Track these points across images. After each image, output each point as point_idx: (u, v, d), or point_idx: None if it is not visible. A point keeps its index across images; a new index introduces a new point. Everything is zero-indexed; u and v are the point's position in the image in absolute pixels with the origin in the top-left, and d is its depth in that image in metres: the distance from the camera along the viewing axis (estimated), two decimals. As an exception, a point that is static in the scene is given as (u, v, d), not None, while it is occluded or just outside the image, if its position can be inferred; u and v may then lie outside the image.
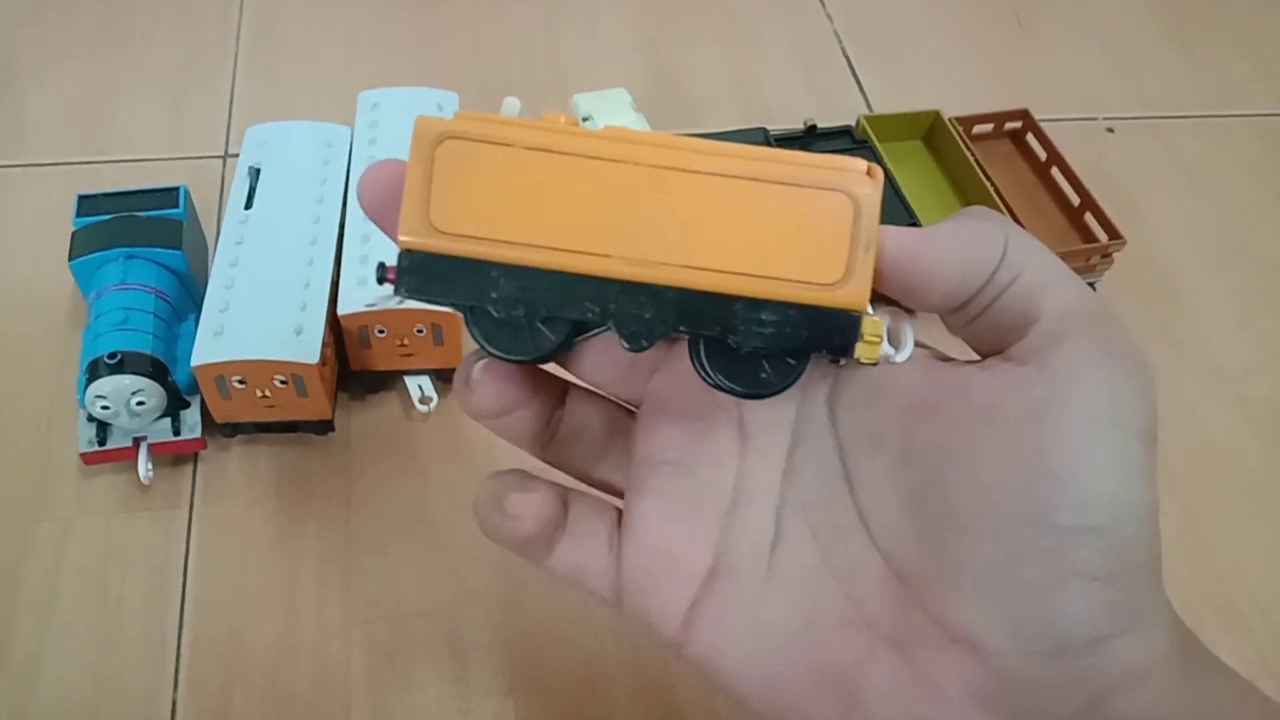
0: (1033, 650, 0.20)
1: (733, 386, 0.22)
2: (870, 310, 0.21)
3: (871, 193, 0.21)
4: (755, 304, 0.21)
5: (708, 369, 0.22)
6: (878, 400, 0.24)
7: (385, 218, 0.22)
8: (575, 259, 0.21)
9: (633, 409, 0.27)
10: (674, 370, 0.26)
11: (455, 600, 0.47)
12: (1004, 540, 0.20)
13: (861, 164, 0.21)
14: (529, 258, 0.21)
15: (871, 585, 0.23)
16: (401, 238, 0.21)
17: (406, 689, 0.44)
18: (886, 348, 0.22)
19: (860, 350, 0.21)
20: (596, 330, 0.22)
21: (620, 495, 0.27)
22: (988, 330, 0.22)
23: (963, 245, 0.22)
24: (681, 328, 0.21)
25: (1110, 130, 0.73)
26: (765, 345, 0.21)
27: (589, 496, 0.27)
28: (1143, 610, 0.21)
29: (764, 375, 0.22)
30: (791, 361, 0.22)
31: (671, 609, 0.25)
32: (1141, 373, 0.21)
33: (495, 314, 0.22)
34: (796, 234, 0.21)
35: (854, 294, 0.21)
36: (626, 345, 0.22)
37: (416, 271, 0.21)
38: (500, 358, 0.22)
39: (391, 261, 0.22)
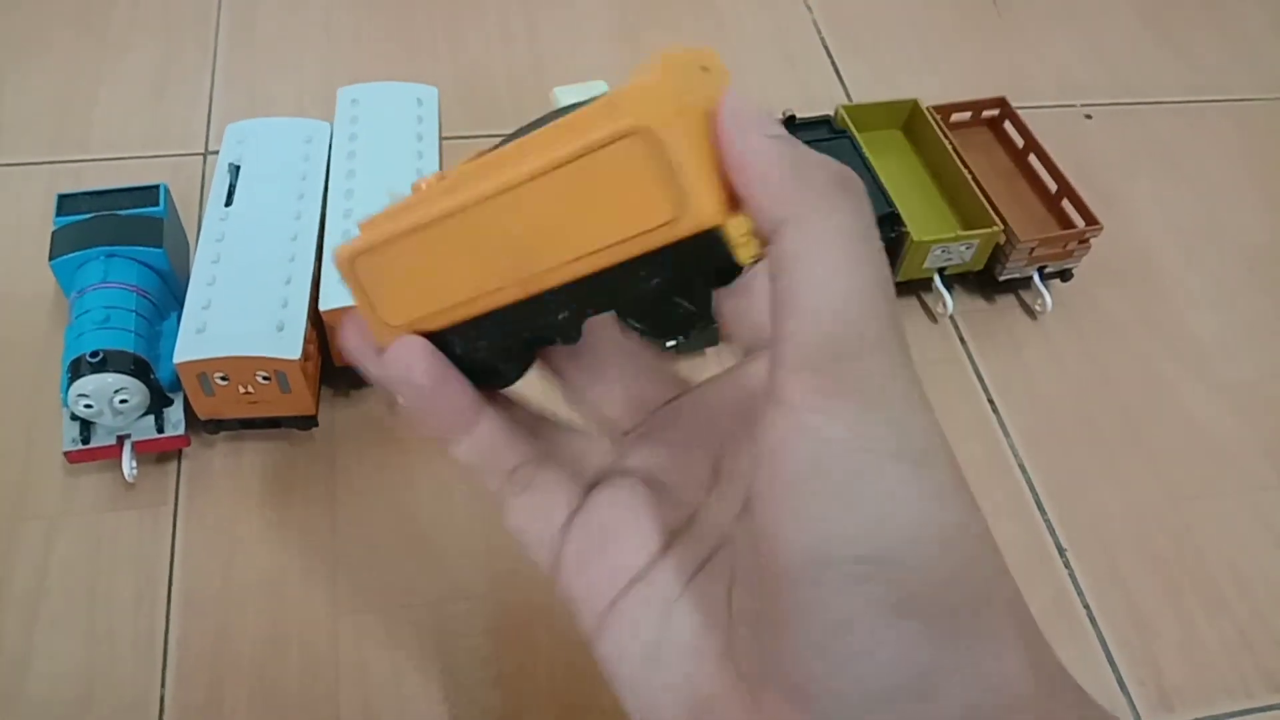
0: (858, 694, 0.19)
1: (660, 340, 0.25)
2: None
3: (653, 112, 0.20)
4: (629, 266, 0.21)
5: (639, 331, 0.24)
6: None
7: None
8: (490, 298, 0.24)
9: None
10: (676, 407, 0.28)
11: (442, 592, 0.47)
12: (795, 581, 0.19)
13: (660, 61, 0.21)
14: (462, 313, 0.24)
15: (745, 629, 0.23)
16: (379, 344, 0.26)
17: (395, 681, 0.44)
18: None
19: (740, 254, 0.20)
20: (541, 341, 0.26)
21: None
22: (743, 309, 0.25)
23: (764, 172, 0.20)
24: (590, 310, 0.23)
25: (1088, 117, 0.73)
26: (662, 292, 0.22)
27: (562, 470, 0.28)
28: (973, 648, 0.19)
29: (680, 317, 0.23)
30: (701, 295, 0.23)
31: (593, 595, 0.25)
32: (889, 397, 0.19)
33: (471, 362, 0.26)
34: (620, 193, 0.21)
35: (698, 216, 0.20)
36: (563, 342, 0.25)
37: None
38: (498, 388, 0.27)
39: None
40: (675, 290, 0.22)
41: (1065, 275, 0.61)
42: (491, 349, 0.25)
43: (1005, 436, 0.56)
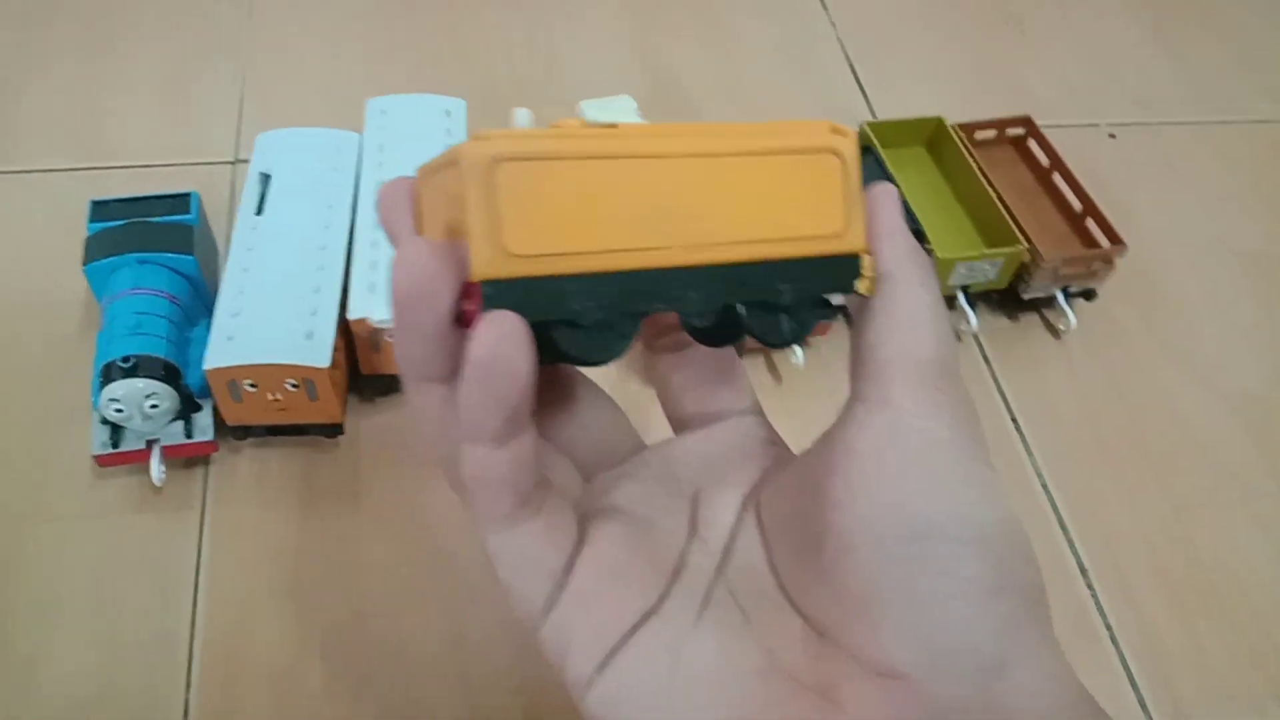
0: (948, 669, 0.21)
1: (772, 343, 0.25)
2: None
3: (851, 146, 0.25)
4: (779, 266, 0.24)
5: (753, 331, 0.24)
6: (784, 490, 0.26)
7: (394, 225, 0.24)
8: (640, 256, 0.22)
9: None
10: (644, 459, 0.29)
11: (462, 601, 0.47)
12: (894, 560, 0.22)
13: (826, 125, 0.25)
14: (601, 264, 0.22)
15: (792, 641, 0.24)
16: (480, 270, 0.20)
17: (415, 688, 0.44)
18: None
19: (860, 284, 0.24)
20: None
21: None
22: (857, 343, 0.25)
23: (889, 240, 0.25)
24: (731, 298, 0.23)
25: (1112, 136, 0.73)
26: (794, 296, 0.24)
27: (567, 504, 0.25)
28: (1038, 640, 0.22)
29: (791, 327, 0.25)
30: (809, 312, 0.25)
31: (602, 634, 0.24)
32: (973, 414, 0.24)
33: (578, 323, 0.22)
34: (804, 195, 0.24)
35: (855, 238, 0.24)
36: (693, 323, 0.25)
37: (501, 301, 0.21)
38: (583, 363, 0.22)
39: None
40: (804, 296, 0.24)
41: (1089, 294, 0.61)
42: (611, 315, 0.22)
43: (1028, 455, 0.56)
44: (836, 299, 0.25)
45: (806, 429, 0.27)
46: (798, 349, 0.55)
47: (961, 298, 0.58)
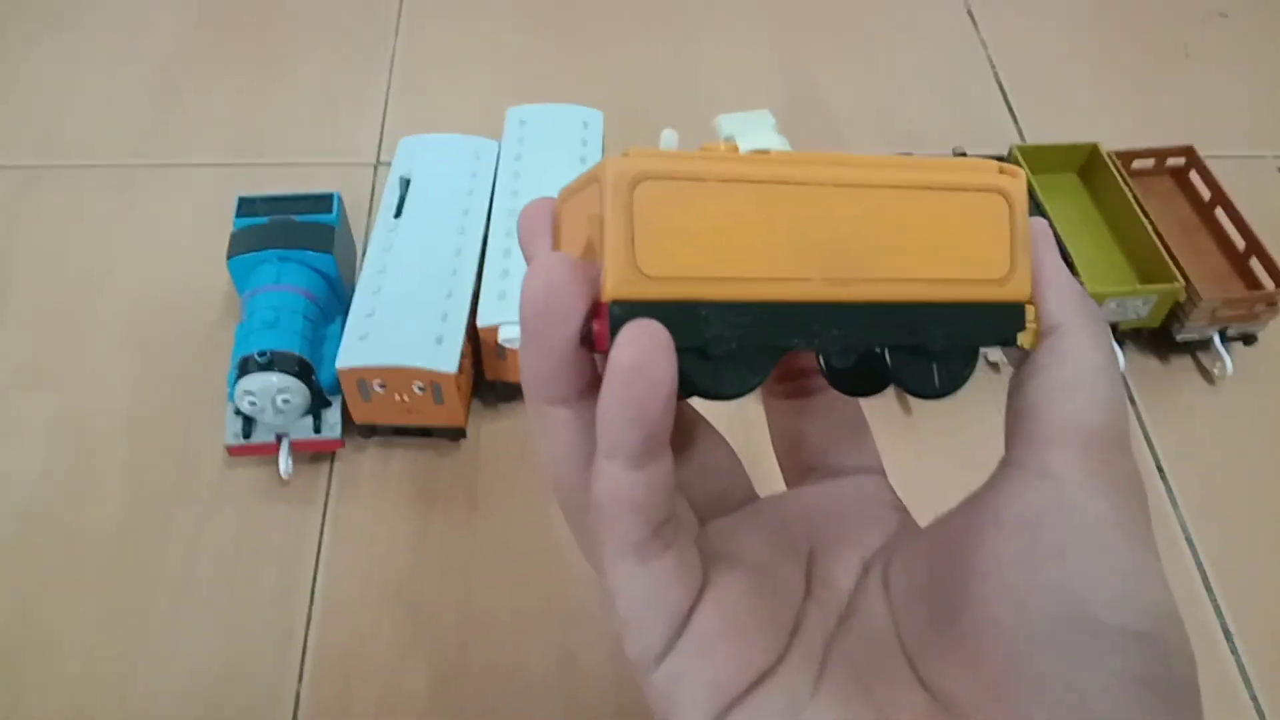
0: None
1: (919, 393, 0.23)
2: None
3: (1020, 187, 0.23)
4: (942, 308, 0.22)
5: (898, 378, 0.23)
6: (916, 558, 0.24)
7: (531, 245, 0.23)
8: (780, 287, 0.21)
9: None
10: (756, 509, 0.27)
11: (573, 613, 0.47)
12: (1043, 644, 0.20)
13: (994, 164, 0.23)
14: (738, 292, 0.20)
15: (916, 717, 0.22)
16: (611, 289, 0.20)
17: (519, 700, 0.44)
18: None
19: (1023, 338, 0.23)
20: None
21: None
22: (1015, 400, 0.23)
23: (1055, 282, 0.23)
24: (877, 339, 0.22)
25: (1281, 170, 0.69)
26: (952, 343, 0.22)
27: (692, 542, 0.24)
28: None
29: (945, 376, 0.23)
30: (960, 360, 0.23)
31: (718, 688, 0.21)
32: (1141, 493, 0.22)
33: (710, 353, 0.20)
34: (965, 235, 0.22)
35: (1020, 285, 0.23)
36: (829, 364, 0.23)
37: (622, 319, 0.20)
38: (710, 396, 0.21)
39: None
40: (958, 342, 0.22)
41: (1249, 339, 0.57)
42: (745, 346, 0.21)
43: (1174, 508, 0.52)
44: (994, 352, 0.24)
45: (933, 467, 0.25)
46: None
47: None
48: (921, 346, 0.22)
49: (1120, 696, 0.19)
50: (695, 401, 0.24)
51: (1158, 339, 0.57)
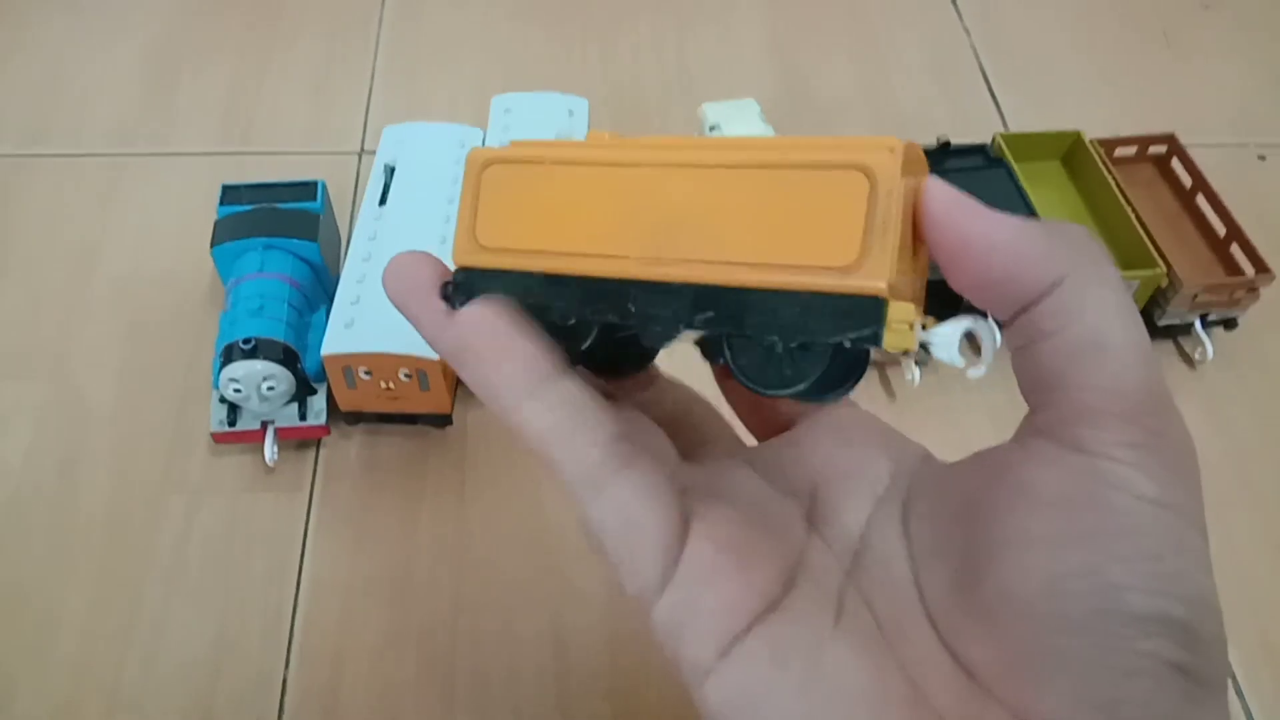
0: None
1: (754, 385, 0.21)
2: (922, 319, 0.20)
3: (889, 163, 0.19)
4: (770, 295, 0.20)
5: (734, 366, 0.21)
6: (941, 508, 0.23)
7: (406, 305, 0.24)
8: (596, 263, 0.21)
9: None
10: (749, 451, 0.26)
11: (561, 599, 0.47)
12: (1073, 626, 0.19)
13: (891, 140, 0.20)
14: (557, 265, 0.22)
15: (940, 678, 0.21)
16: (455, 258, 0.23)
17: (509, 683, 0.44)
18: (952, 355, 0.20)
19: (889, 339, 0.19)
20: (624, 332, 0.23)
21: None
22: (1029, 368, 0.20)
23: (1014, 240, 0.19)
24: (698, 323, 0.21)
25: (1262, 158, 0.69)
26: (784, 337, 0.20)
27: (658, 459, 0.23)
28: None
29: (788, 373, 0.21)
30: (823, 359, 0.21)
31: (724, 617, 0.21)
32: (1189, 461, 0.19)
33: (547, 320, 0.23)
34: (808, 218, 0.20)
35: (870, 276, 0.19)
36: (647, 345, 0.22)
37: (465, 286, 0.23)
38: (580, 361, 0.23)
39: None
40: (797, 338, 0.20)
41: (1229, 324, 0.58)
42: (562, 318, 0.22)
43: (1154, 490, 0.53)
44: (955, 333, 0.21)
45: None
46: (913, 365, 0.54)
47: (1091, 321, 0.55)
48: (748, 334, 0.20)
49: (1150, 684, 0.18)
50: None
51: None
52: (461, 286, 0.23)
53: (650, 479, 0.21)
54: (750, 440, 0.28)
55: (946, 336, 0.20)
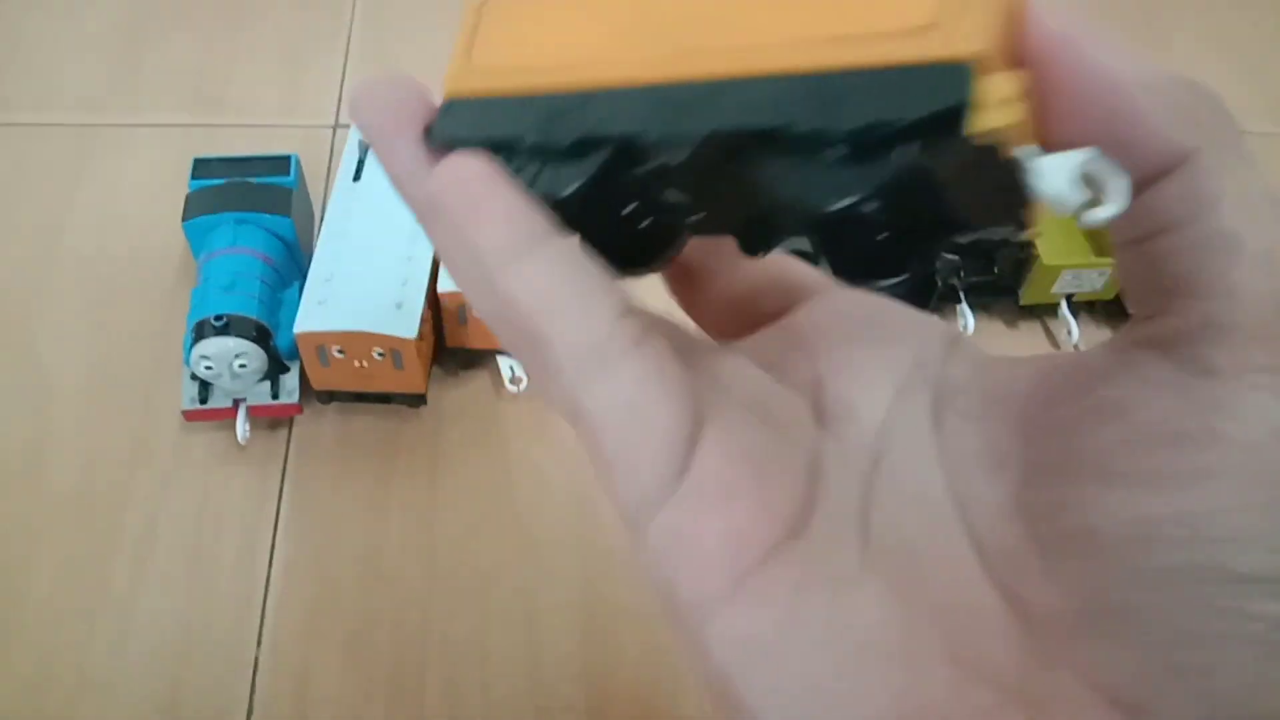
0: None
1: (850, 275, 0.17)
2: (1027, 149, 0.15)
3: None
4: (822, 82, 0.15)
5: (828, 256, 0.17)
6: (994, 409, 0.19)
7: (379, 138, 0.19)
8: (612, 70, 0.17)
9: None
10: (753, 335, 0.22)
11: (533, 580, 0.47)
12: (1171, 581, 0.15)
13: None
14: (565, 80, 0.18)
15: (990, 628, 0.17)
16: (445, 85, 0.20)
17: (481, 665, 0.44)
18: (1061, 188, 0.14)
19: (977, 118, 0.14)
20: (649, 164, 0.17)
21: None
22: (1141, 266, 0.16)
23: (1143, 86, 0.15)
24: (734, 126, 0.16)
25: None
26: (839, 138, 0.15)
27: (667, 344, 0.18)
28: None
29: (825, 185, 0.15)
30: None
31: (736, 551, 0.17)
32: None
33: (531, 143, 0.18)
34: None
35: (957, 35, 0.14)
36: (670, 163, 0.17)
37: (452, 116, 0.19)
38: (544, 198, 0.18)
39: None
40: (860, 137, 0.14)
41: (1201, 311, 0.58)
42: (569, 136, 0.17)
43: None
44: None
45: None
46: (966, 311, 0.51)
47: (1064, 306, 0.56)
48: (803, 136, 0.15)
49: (1253, 654, 0.15)
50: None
51: (1111, 311, 0.58)
52: (445, 116, 0.19)
53: (664, 363, 0.17)
54: None
55: (1057, 165, 0.15)
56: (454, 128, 0.19)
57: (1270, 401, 0.15)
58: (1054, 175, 0.14)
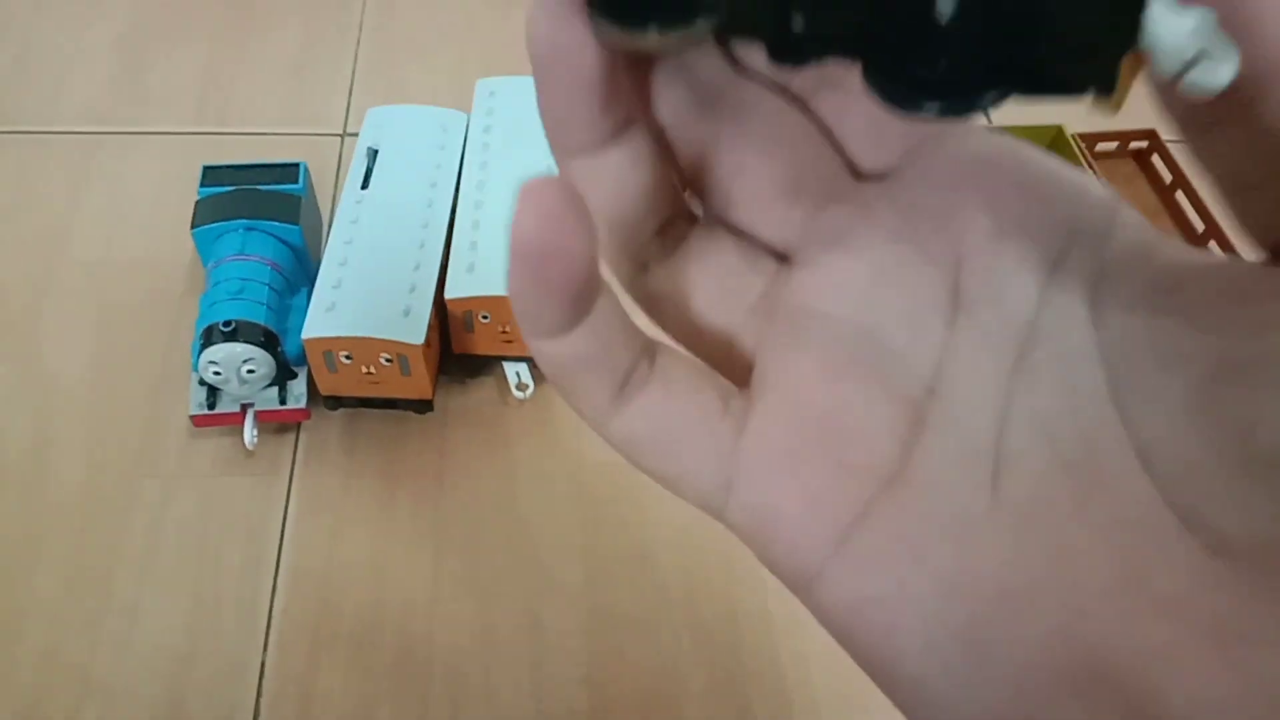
0: None
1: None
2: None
3: None
4: None
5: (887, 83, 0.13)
6: (1165, 304, 0.15)
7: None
8: None
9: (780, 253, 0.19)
10: (860, 202, 0.18)
11: (537, 585, 0.47)
12: None
13: None
14: None
15: (1168, 554, 0.14)
16: None
17: (484, 670, 0.45)
18: (1177, 37, 0.12)
19: None
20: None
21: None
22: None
23: None
24: None
25: (1240, 155, 0.70)
26: None
27: (687, 356, 0.18)
28: None
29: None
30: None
31: (825, 513, 0.16)
32: None
33: None
34: None
35: None
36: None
37: None
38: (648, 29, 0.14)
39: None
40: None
41: (1206, 320, 0.58)
42: None
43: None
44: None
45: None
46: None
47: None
48: None
49: None
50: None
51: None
52: None
53: (673, 397, 0.17)
54: None
55: (1169, 11, 0.12)
56: None
57: None
58: (1173, 14, 0.12)
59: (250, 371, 0.47)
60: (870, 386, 0.16)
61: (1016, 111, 0.69)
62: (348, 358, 0.47)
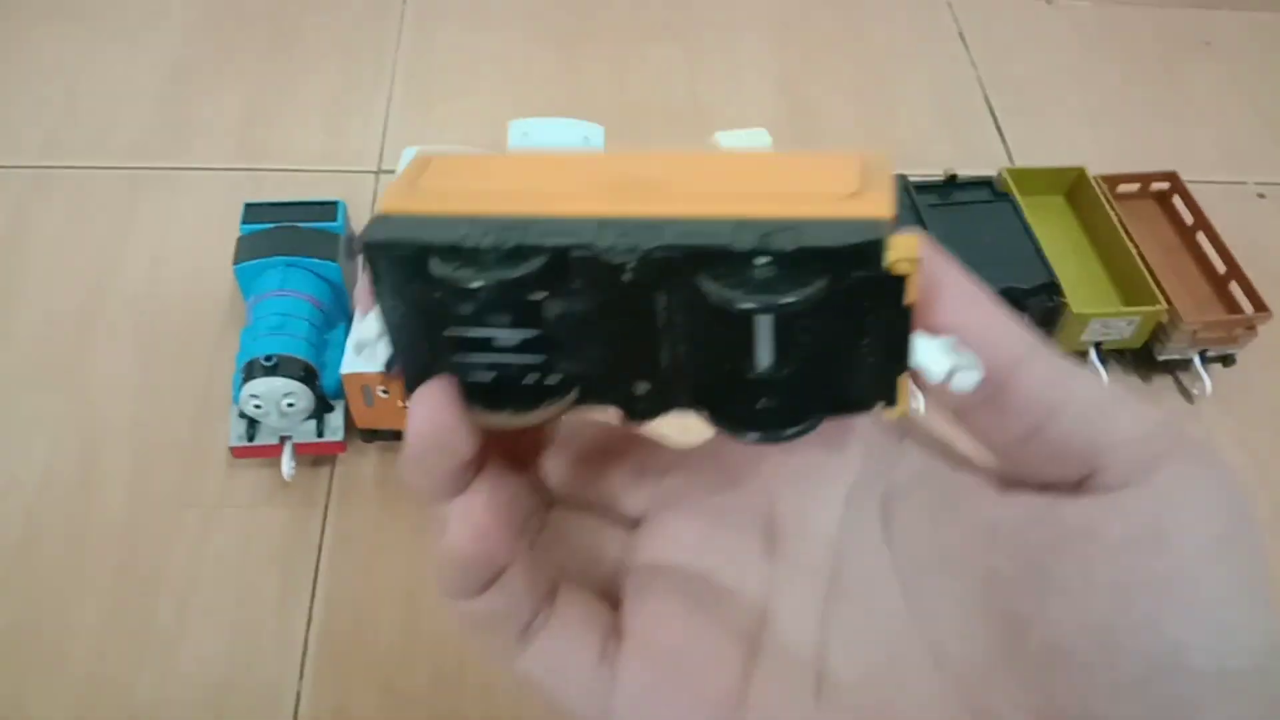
0: None
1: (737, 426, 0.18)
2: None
3: (880, 159, 0.18)
4: (758, 222, 0.17)
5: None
6: (945, 518, 0.19)
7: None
8: (554, 203, 0.18)
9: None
10: (689, 468, 0.22)
11: (570, 620, 0.48)
12: (1136, 689, 0.16)
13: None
14: (507, 207, 0.18)
15: None
16: (382, 204, 0.18)
17: (517, 700, 0.45)
18: (931, 357, 0.17)
19: (893, 255, 0.16)
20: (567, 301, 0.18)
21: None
22: (1037, 459, 0.18)
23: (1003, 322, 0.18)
24: (671, 249, 0.17)
25: (1261, 196, 0.71)
26: (770, 281, 0.16)
27: (582, 592, 0.21)
28: None
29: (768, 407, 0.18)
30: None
31: None
32: (1236, 485, 0.18)
33: (470, 247, 0.17)
34: (802, 169, 0.18)
35: (873, 202, 0.17)
36: (614, 261, 0.17)
37: (383, 225, 0.18)
38: (465, 291, 0.17)
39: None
40: (786, 284, 0.16)
41: (1227, 360, 0.59)
42: (502, 244, 0.17)
43: (1153, 522, 0.54)
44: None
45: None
46: (918, 393, 0.53)
47: (1093, 354, 0.57)
48: (741, 253, 0.16)
49: None
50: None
51: (1140, 359, 0.59)
52: (376, 224, 0.18)
53: (565, 639, 0.20)
54: None
55: (927, 342, 0.17)
56: (383, 232, 0.18)
57: (1198, 512, 0.17)
58: (930, 344, 0.17)
59: (290, 405, 0.48)
60: (710, 624, 0.20)
61: (1043, 153, 0.70)
62: (384, 392, 0.48)
